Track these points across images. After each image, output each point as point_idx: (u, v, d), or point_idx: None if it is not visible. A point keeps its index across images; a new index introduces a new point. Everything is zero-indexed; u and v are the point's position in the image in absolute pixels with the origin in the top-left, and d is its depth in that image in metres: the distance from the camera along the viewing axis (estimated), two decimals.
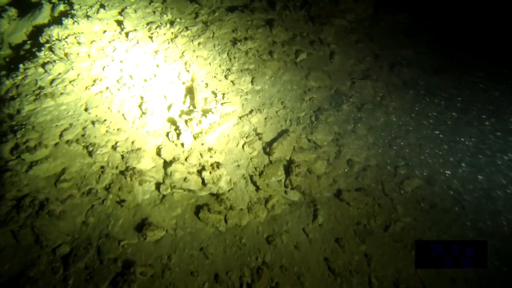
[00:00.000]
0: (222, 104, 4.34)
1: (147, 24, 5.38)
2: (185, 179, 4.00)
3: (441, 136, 4.57)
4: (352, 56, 5.23)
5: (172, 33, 5.21)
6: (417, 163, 4.44)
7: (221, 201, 3.96)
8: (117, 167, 4.00)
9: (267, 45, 5.15)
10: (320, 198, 4.23)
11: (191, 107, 4.34)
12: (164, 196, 4.06)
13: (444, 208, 4.09)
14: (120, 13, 5.49)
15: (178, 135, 4.05)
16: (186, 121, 4.08)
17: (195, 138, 4.09)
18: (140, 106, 4.26)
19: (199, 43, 5.10)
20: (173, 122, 4.16)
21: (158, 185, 4.06)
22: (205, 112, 4.17)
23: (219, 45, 5.15)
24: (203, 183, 4.01)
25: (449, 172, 4.29)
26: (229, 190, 4.06)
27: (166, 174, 4.05)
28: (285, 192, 4.15)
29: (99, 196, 3.90)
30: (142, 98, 4.32)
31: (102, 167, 3.99)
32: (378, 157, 4.49)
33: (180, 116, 4.25)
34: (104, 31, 5.15)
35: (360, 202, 4.17)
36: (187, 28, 5.27)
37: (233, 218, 3.96)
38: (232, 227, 3.96)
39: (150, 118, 4.17)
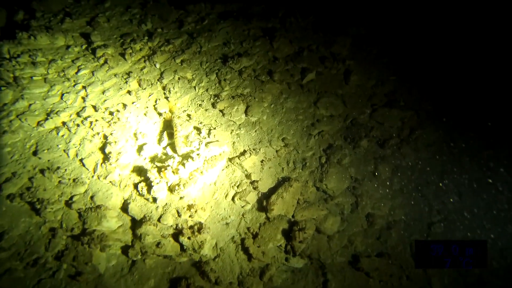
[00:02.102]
0: (207, 144, 3.52)
1: (121, 36, 4.56)
2: (158, 244, 3.22)
3: (491, 181, 3.63)
4: (373, 75, 4.32)
5: (149, 48, 4.38)
6: (458, 218, 3.54)
7: (204, 274, 3.16)
8: (72, 229, 3.24)
9: (266, 62, 4.28)
10: (332, 265, 3.41)
11: (168, 149, 3.52)
12: (133, 262, 3.30)
13: (497, 285, 3.20)
14: (89, 23, 4.67)
15: (150, 187, 3.24)
16: (159, 170, 3.26)
17: (171, 192, 3.29)
18: (103, 148, 3.45)
19: (182, 61, 4.26)
20: (143, 171, 3.34)
21: (126, 249, 3.30)
22: (184, 158, 3.34)
23: (207, 62, 4.30)
24: (182, 249, 3.22)
25: (504, 235, 3.38)
26: (214, 258, 3.26)
27: (135, 236, 3.27)
28: (286, 259, 3.32)
29: (49, 266, 3.16)
30: (105, 137, 3.51)
31: (52, 229, 3.23)
32: (406, 209, 3.64)
33: (152, 161, 3.44)
34: (68, 47, 4.35)
35: (383, 272, 3.34)
36: (168, 42, 4.43)
37: None
38: None
39: (115, 165, 3.37)
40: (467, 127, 3.97)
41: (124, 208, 3.37)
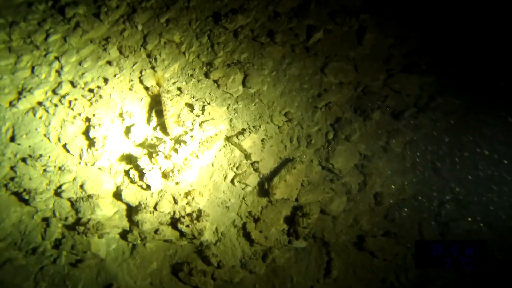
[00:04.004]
0: (201, 123, 3.25)
1: None
2: (156, 230, 3.19)
3: None
4: (391, 31, 3.76)
5: (128, 4, 3.80)
6: (472, 196, 3.41)
7: (206, 258, 3.19)
8: (66, 218, 3.20)
9: (266, 19, 3.73)
10: (336, 244, 3.44)
11: (158, 130, 3.25)
12: (134, 246, 3.33)
13: (507, 263, 3.21)
14: None
15: (142, 174, 3.08)
16: (150, 156, 3.05)
17: (165, 178, 3.13)
18: (86, 132, 3.19)
19: (167, 20, 3.73)
20: (133, 156, 3.13)
21: (124, 234, 3.30)
22: (176, 141, 3.10)
23: (196, 21, 3.76)
24: (182, 234, 3.19)
25: None
26: (215, 243, 3.25)
27: (132, 222, 3.22)
28: (289, 241, 3.31)
29: (49, 254, 3.19)
30: (88, 120, 3.22)
31: (45, 218, 3.18)
32: (417, 186, 3.49)
33: (142, 146, 3.20)
34: (29, 4, 3.77)
35: (388, 252, 3.35)
36: None
37: (222, 276, 3.25)
38: (222, 284, 3.28)
39: (102, 150, 3.16)
40: (495, 94, 3.57)
41: (118, 194, 3.26)
